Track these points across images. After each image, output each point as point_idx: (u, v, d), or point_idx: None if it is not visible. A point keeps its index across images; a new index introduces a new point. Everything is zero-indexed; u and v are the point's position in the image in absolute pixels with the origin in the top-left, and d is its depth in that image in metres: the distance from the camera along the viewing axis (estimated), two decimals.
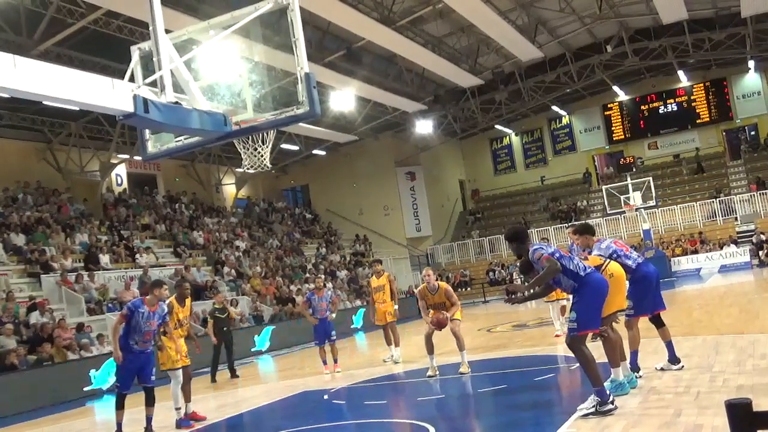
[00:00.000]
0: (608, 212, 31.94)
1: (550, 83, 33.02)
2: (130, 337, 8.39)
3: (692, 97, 36.63)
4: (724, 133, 36.67)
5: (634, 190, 30.80)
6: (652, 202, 29.94)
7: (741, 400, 1.97)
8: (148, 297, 8.62)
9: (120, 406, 8.49)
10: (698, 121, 36.55)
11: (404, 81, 28.88)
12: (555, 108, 37.55)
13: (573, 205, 36.86)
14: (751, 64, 33.94)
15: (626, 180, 31.10)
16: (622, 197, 30.87)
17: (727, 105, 36.12)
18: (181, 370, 9.04)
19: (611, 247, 7.63)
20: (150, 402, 8.41)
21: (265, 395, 11.14)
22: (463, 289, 31.86)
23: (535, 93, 33.42)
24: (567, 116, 39.06)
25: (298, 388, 11.27)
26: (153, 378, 8.50)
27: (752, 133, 36.19)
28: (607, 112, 38.30)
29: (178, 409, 8.94)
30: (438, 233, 37.18)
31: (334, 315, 12.99)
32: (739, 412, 1.95)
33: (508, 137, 40.45)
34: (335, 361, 12.66)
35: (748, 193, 32.13)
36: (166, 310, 8.78)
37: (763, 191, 31.21)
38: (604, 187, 32.44)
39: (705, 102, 36.37)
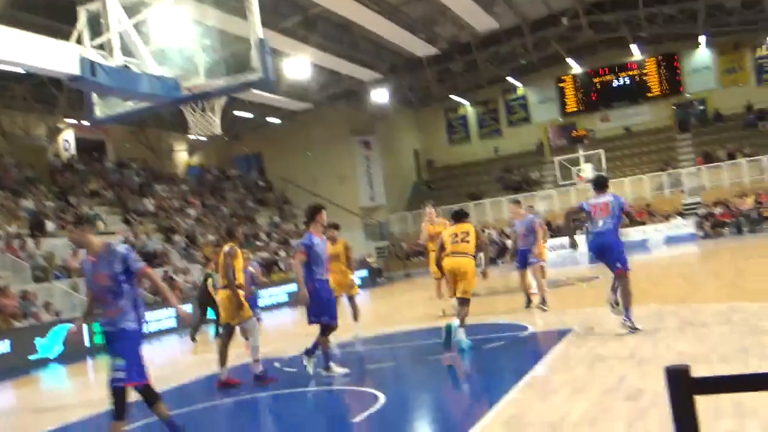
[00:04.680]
0: (560, 184, 32.36)
1: (506, 54, 33.31)
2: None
3: (644, 71, 36.89)
4: (674, 107, 36.91)
5: (585, 162, 31.47)
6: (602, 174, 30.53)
7: (680, 366, 2.03)
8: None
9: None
10: (649, 94, 36.87)
11: (360, 49, 28.61)
12: (510, 79, 37.34)
13: (526, 177, 37.15)
14: (702, 39, 34.40)
15: (578, 152, 31.54)
16: (573, 169, 31.34)
17: (677, 79, 36.45)
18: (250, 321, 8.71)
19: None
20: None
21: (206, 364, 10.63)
22: (418, 258, 32.06)
23: (490, 64, 33.64)
24: (522, 88, 38.98)
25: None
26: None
27: (701, 107, 36.42)
28: (561, 84, 38.39)
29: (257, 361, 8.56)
30: (392, 203, 37.11)
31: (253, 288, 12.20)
32: (677, 377, 2.00)
33: (463, 108, 40.39)
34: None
35: (694, 167, 32.62)
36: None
37: (710, 165, 31.83)
38: (556, 159, 32.71)
39: (656, 76, 36.59)
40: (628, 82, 37.33)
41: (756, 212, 28.18)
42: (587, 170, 30.58)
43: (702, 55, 36.22)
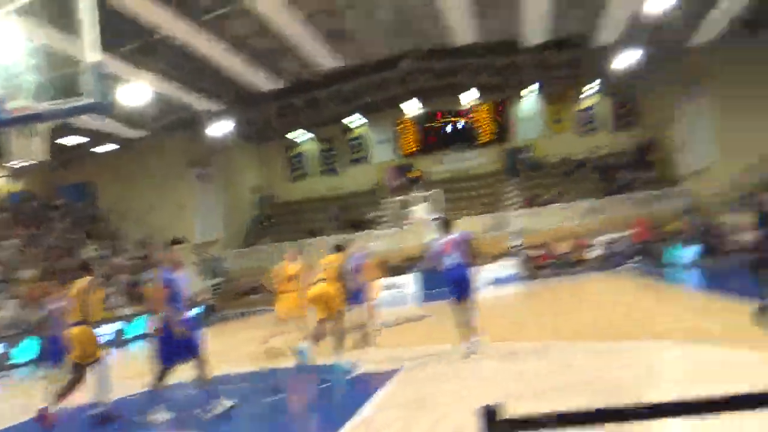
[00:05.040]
0: (396, 224, 32.48)
1: (348, 93, 33.59)
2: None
3: (478, 117, 38.48)
4: (504, 153, 38.68)
5: (420, 204, 32.30)
6: (436, 215, 31.31)
7: (495, 405, 2.13)
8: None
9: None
10: (482, 140, 38.59)
11: (202, 78, 27.91)
12: (351, 118, 38.20)
13: (363, 215, 37.18)
14: (532, 88, 36.41)
15: (414, 193, 31.97)
16: (409, 209, 32.19)
17: (508, 126, 38.44)
18: None
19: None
20: None
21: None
22: (257, 296, 30.65)
23: (333, 102, 33.90)
24: (363, 127, 39.80)
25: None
26: None
27: (529, 154, 38.22)
28: (400, 126, 39.47)
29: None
30: (229, 239, 36.24)
31: None
32: (492, 416, 2.11)
33: (304, 144, 40.56)
34: None
35: (520, 210, 33.78)
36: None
37: (533, 208, 33.11)
38: (392, 199, 32.90)
39: (489, 122, 38.52)
40: (463, 126, 39.01)
41: (572, 256, 29.77)
42: (422, 211, 31.56)
43: (531, 104, 38.28)
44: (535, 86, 36.48)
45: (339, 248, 11.63)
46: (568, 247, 30.23)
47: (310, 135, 39.93)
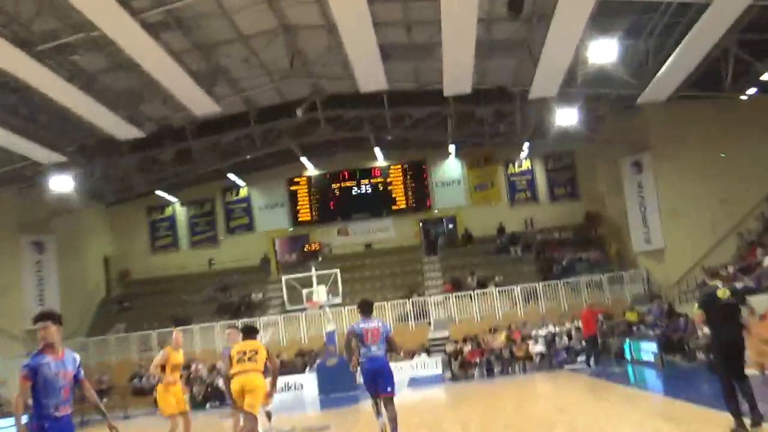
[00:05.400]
0: (287, 308, 31.49)
1: (228, 146, 33.00)
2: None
3: (389, 180, 39.51)
4: (421, 224, 39.55)
5: (318, 284, 31.02)
6: (338, 299, 30.14)
7: None
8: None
9: None
10: (394, 207, 39.38)
11: (40, 123, 27.04)
12: (232, 176, 38.23)
13: (246, 297, 36.91)
14: (451, 148, 37.66)
15: (311, 270, 30.76)
16: (304, 291, 31.36)
17: (425, 191, 39.36)
18: None
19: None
20: None
21: None
22: (101, 400, 29.74)
23: (208, 156, 33.20)
24: (245, 188, 39.95)
25: None
26: None
27: (450, 226, 39.28)
28: (293, 188, 39.81)
29: None
30: (72, 325, 33.97)
31: None
32: None
33: (171, 207, 40.22)
34: None
35: (442, 295, 34.09)
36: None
37: (459, 293, 33.36)
38: (284, 278, 31.73)
39: (402, 186, 39.50)
40: (370, 191, 39.52)
41: (508, 350, 29.32)
42: (321, 293, 31.05)
43: (451, 166, 39.50)
44: (454, 146, 37.64)
45: (253, 331, 11.64)
46: (501, 342, 29.97)
47: (180, 196, 39.58)
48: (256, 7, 23.90)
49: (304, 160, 37.71)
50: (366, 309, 11.05)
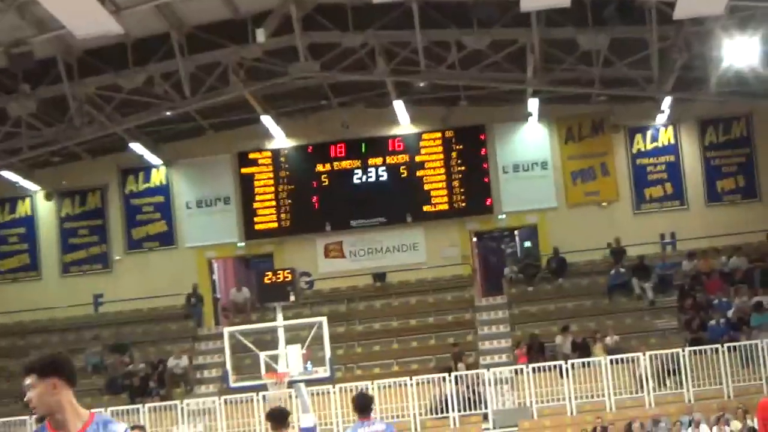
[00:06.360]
0: (232, 385, 30.97)
1: (133, 94, 33.68)
2: None
3: (418, 159, 41.39)
4: (474, 238, 41.80)
5: (288, 343, 29.79)
6: (324, 371, 30.32)
7: None
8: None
9: None
10: (427, 208, 41.00)
11: None
12: (137, 148, 39.14)
13: (159, 365, 36.94)
14: (532, 106, 39.02)
15: (275, 319, 30.84)
16: (263, 356, 30.64)
17: (483, 182, 41.25)
18: None
19: None
20: None
21: None
22: None
23: (96, 111, 34.18)
24: (162, 169, 41.70)
25: None
26: None
27: (527, 242, 41.89)
28: (247, 170, 40.92)
29: None
30: None
31: None
32: None
33: (27, 202, 41.78)
34: None
35: (510, 367, 35.43)
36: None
37: (540, 363, 34.42)
38: (226, 331, 31.45)
39: (443, 171, 41.43)
40: (385, 177, 41.41)
41: None
42: (293, 359, 30.41)
43: (531, 138, 41.58)
44: (537, 102, 38.28)
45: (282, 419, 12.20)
46: None
47: (43, 183, 40.29)
48: None
49: (267, 121, 37.80)
50: (363, 406, 10.92)
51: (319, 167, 39.02)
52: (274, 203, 38.94)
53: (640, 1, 28.79)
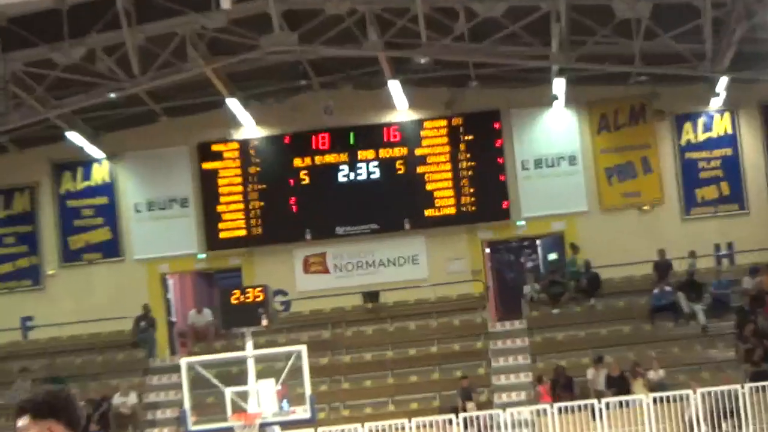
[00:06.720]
0: (190, 429, 32.16)
1: (69, 72, 35.33)
2: None
3: (419, 152, 43.99)
4: (488, 250, 43.95)
5: (259, 377, 32.02)
6: (304, 412, 32.05)
7: None
8: None
9: None
10: (430, 212, 43.63)
11: None
12: (74, 137, 41.02)
13: (103, 403, 37.66)
14: (558, 87, 41.02)
15: (244, 348, 32.60)
16: (228, 392, 31.14)
17: (498, 181, 43.77)
18: None
19: None
20: None
21: None
22: None
23: (24, 92, 35.31)
24: (104, 163, 43.43)
25: None
26: None
27: (552, 254, 43.57)
28: (210, 165, 43.32)
29: None
30: None
31: None
32: None
33: None
34: None
35: (530, 406, 37.08)
36: None
37: (567, 403, 35.89)
38: (184, 362, 33.02)
39: (449, 167, 43.90)
40: (378, 175, 44.22)
41: None
42: (266, 397, 31.09)
43: (557, 125, 44.14)
44: (564, 82, 39.71)
45: None
46: None
47: None
48: None
49: (233, 105, 38.75)
50: None
51: (298, 162, 39.57)
52: (242, 206, 39.66)
53: None
